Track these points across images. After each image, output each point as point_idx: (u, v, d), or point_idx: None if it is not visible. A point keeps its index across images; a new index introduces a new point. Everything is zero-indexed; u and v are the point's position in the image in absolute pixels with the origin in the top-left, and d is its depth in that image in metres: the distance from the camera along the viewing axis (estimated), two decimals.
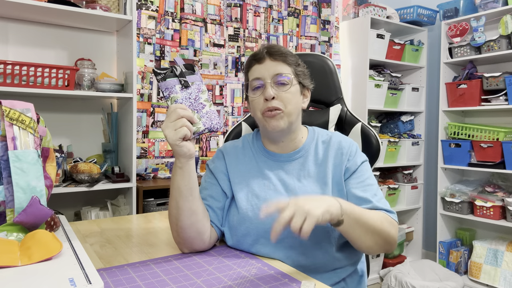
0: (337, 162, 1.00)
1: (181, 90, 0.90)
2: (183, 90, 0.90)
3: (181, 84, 0.90)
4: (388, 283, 2.54)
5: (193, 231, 0.93)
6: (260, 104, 0.99)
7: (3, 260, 0.71)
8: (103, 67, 2.15)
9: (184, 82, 0.90)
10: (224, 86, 2.51)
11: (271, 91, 0.96)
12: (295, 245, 0.93)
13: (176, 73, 0.90)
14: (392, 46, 2.89)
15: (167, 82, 0.90)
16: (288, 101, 0.98)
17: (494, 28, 2.67)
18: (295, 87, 1.00)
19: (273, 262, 0.91)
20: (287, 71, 0.99)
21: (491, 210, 2.55)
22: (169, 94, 0.89)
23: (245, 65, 1.07)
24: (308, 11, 2.81)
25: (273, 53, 1.00)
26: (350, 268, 1.00)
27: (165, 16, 2.29)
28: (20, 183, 0.81)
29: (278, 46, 1.03)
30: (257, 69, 1.00)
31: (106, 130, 2.13)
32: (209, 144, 2.47)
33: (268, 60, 0.99)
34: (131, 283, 0.77)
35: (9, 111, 0.85)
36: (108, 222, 1.28)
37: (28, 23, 1.97)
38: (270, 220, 0.90)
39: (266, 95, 0.96)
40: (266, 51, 1.00)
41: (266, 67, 0.99)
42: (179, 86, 0.90)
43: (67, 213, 2.03)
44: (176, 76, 0.90)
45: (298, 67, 1.02)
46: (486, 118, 2.85)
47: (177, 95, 0.89)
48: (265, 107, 0.97)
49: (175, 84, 0.90)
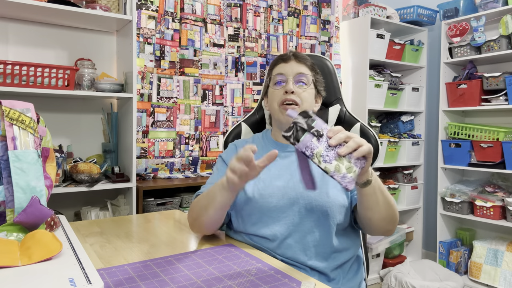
0: None
1: (318, 142, 0.80)
2: (320, 140, 0.80)
3: (315, 136, 0.81)
4: (388, 283, 2.54)
5: (210, 228, 1.04)
6: (279, 96, 1.09)
7: (3, 260, 0.71)
8: (103, 67, 2.15)
9: (317, 132, 0.81)
10: (224, 86, 2.51)
11: (292, 87, 1.08)
12: (295, 222, 1.01)
13: (303, 127, 0.81)
14: (392, 46, 2.89)
15: (303, 140, 0.80)
16: (305, 99, 1.09)
17: (494, 28, 2.67)
18: (312, 90, 1.12)
19: (273, 262, 0.90)
20: (308, 74, 1.12)
21: (491, 210, 2.55)
22: (312, 152, 0.80)
23: (270, 64, 1.19)
24: (308, 11, 2.81)
25: (299, 56, 1.13)
26: (349, 254, 1.05)
27: (165, 16, 2.29)
28: (20, 183, 0.81)
29: (305, 55, 1.16)
30: (282, 67, 1.12)
31: (106, 130, 2.13)
32: (209, 144, 2.47)
33: (293, 61, 1.12)
34: (131, 283, 0.77)
35: (9, 111, 0.85)
36: (108, 222, 1.28)
37: (28, 23, 1.97)
38: (272, 200, 1.02)
39: (287, 88, 1.08)
40: (293, 54, 1.13)
41: (290, 66, 1.11)
42: (315, 139, 0.81)
43: (67, 213, 2.03)
44: (306, 131, 0.81)
45: (317, 75, 1.15)
46: (486, 118, 2.85)
47: (319, 149, 0.80)
48: (283, 99, 1.08)
49: (310, 138, 0.80)
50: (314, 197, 1.01)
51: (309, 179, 0.85)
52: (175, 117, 2.34)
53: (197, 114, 2.42)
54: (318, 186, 1.01)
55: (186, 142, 2.39)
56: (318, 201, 1.01)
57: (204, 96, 2.44)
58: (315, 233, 1.01)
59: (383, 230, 1.00)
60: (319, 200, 1.01)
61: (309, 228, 1.01)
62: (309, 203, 1.01)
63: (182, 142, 2.38)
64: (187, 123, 2.39)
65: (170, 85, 2.32)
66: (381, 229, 0.99)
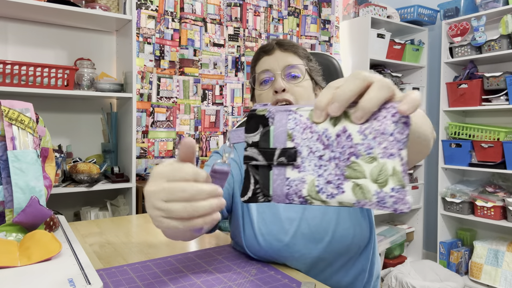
0: None
1: (299, 170, 0.44)
2: (301, 163, 0.44)
3: (286, 165, 0.44)
4: (389, 283, 2.53)
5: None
6: (269, 97, 0.89)
7: (3, 260, 0.70)
8: (102, 67, 2.15)
9: (286, 157, 0.44)
10: (224, 86, 2.51)
11: (282, 83, 0.87)
12: (299, 209, 0.88)
13: (259, 164, 0.45)
14: (392, 45, 2.89)
15: (275, 190, 0.46)
16: (300, 95, 0.88)
17: (495, 27, 2.67)
18: (307, 82, 0.91)
19: (273, 262, 0.90)
20: (299, 64, 0.90)
21: (492, 210, 2.55)
22: (301, 196, 0.44)
23: (252, 58, 0.97)
24: (308, 11, 2.80)
25: (284, 44, 0.92)
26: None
27: (165, 16, 2.29)
28: (19, 183, 0.81)
29: (289, 40, 0.94)
30: (266, 61, 0.91)
31: (105, 130, 2.13)
32: (209, 144, 2.47)
33: (278, 51, 0.91)
34: (131, 284, 0.77)
35: (8, 111, 0.84)
36: (107, 222, 1.27)
37: (28, 23, 1.97)
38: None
39: (276, 87, 0.87)
40: (276, 42, 0.92)
41: (275, 58, 0.90)
42: (293, 171, 0.44)
43: (66, 213, 2.03)
44: (268, 168, 0.46)
45: (310, 62, 0.95)
46: (486, 118, 2.85)
47: (307, 183, 0.44)
48: (274, 100, 0.87)
49: (283, 179, 0.45)
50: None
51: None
52: (175, 117, 2.34)
53: (197, 114, 2.42)
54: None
55: None
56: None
57: (204, 96, 2.44)
58: (316, 218, 0.86)
59: (423, 153, 0.70)
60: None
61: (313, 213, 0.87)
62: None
63: None
64: (187, 123, 2.38)
65: (170, 85, 2.32)
66: (421, 151, 0.69)
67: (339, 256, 0.86)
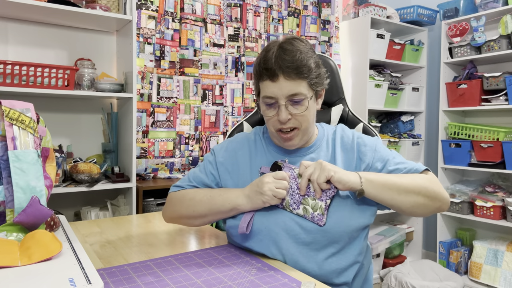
0: (349, 156, 1.01)
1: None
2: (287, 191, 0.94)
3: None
4: (388, 283, 2.53)
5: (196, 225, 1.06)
6: (274, 123, 0.95)
7: (3, 260, 0.71)
8: (103, 67, 2.15)
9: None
10: (224, 86, 2.51)
11: (286, 114, 0.91)
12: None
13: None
14: (392, 46, 2.89)
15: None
16: (305, 119, 0.94)
17: (494, 28, 2.67)
18: (311, 103, 0.95)
19: (273, 262, 0.90)
20: (303, 90, 0.91)
21: (491, 210, 2.55)
22: (282, 204, 0.94)
23: (255, 72, 0.97)
24: (308, 11, 2.81)
25: (287, 69, 0.90)
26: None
27: (165, 16, 2.29)
28: (20, 183, 0.81)
29: (292, 54, 0.91)
30: (269, 87, 0.92)
31: (106, 130, 2.13)
32: (209, 144, 2.47)
33: (282, 79, 0.90)
34: (131, 283, 0.77)
35: (9, 111, 0.84)
36: (108, 222, 1.28)
37: (28, 23, 1.97)
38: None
39: (281, 119, 0.92)
40: (279, 66, 0.90)
41: (279, 87, 0.90)
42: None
43: (67, 213, 2.03)
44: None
45: (313, 74, 0.93)
46: (486, 118, 2.85)
47: (286, 200, 0.94)
48: (278, 127, 0.94)
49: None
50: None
51: (247, 225, 0.93)
52: (175, 117, 2.34)
53: (197, 114, 2.42)
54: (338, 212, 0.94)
55: (186, 142, 2.39)
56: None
57: (204, 96, 2.44)
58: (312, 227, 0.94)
59: (427, 211, 0.95)
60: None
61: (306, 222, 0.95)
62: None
63: (182, 142, 2.38)
64: (187, 123, 2.39)
65: (170, 85, 2.32)
66: (424, 211, 0.95)
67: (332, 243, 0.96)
